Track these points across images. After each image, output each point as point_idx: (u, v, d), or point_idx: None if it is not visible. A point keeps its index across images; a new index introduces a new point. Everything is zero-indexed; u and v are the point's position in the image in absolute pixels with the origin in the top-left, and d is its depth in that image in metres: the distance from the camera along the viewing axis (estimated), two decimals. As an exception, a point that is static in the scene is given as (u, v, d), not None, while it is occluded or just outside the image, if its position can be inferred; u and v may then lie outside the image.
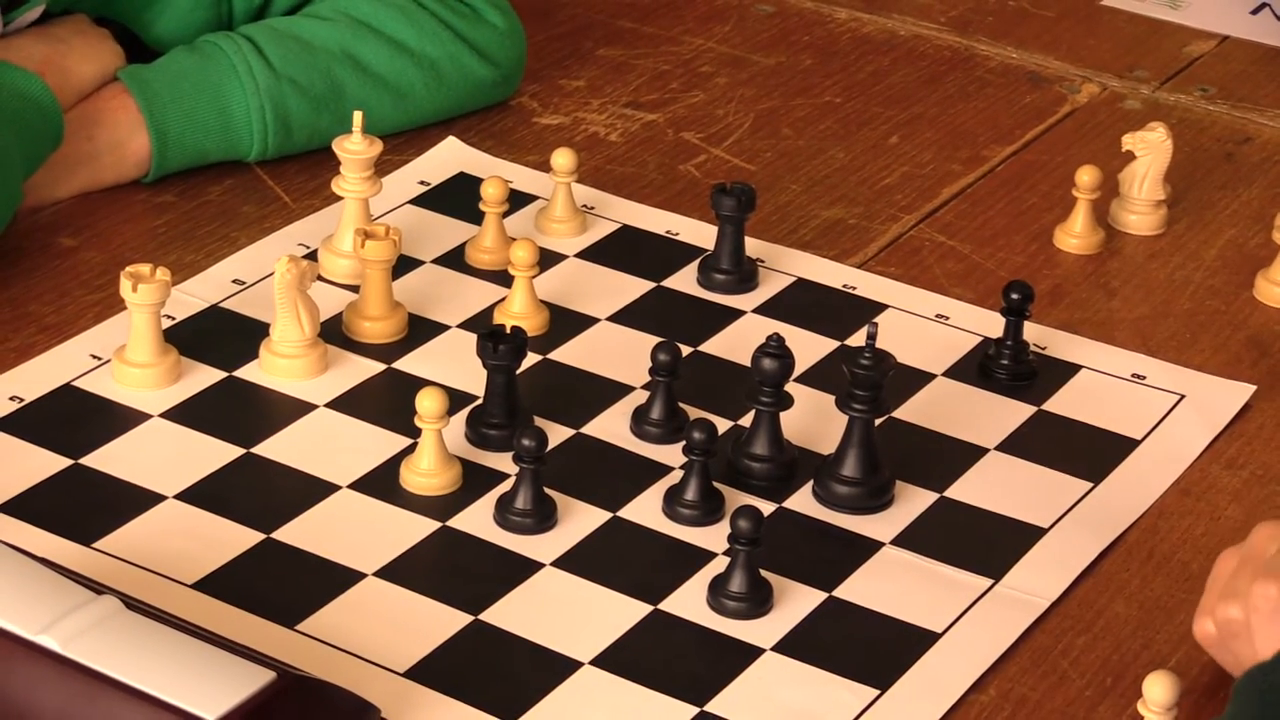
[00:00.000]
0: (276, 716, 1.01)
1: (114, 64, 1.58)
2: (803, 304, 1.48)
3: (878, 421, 1.28)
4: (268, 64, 1.56)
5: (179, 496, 1.25)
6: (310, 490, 1.26)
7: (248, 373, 1.37)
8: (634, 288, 1.49)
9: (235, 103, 1.55)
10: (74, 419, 1.31)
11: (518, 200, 1.55)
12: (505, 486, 1.25)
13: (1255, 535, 1.12)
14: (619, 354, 1.41)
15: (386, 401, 1.35)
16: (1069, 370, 1.42)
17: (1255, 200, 1.64)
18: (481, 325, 1.41)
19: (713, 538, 1.23)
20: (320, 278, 1.43)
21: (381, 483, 1.27)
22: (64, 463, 1.27)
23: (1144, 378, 1.42)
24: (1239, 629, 1.09)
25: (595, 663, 1.13)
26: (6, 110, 1.45)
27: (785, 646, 1.16)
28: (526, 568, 1.21)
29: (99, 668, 1.01)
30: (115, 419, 1.32)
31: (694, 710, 1.10)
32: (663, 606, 1.18)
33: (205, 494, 1.25)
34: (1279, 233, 1.51)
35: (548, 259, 1.49)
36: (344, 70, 1.59)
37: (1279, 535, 1.11)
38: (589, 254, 1.53)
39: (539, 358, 1.40)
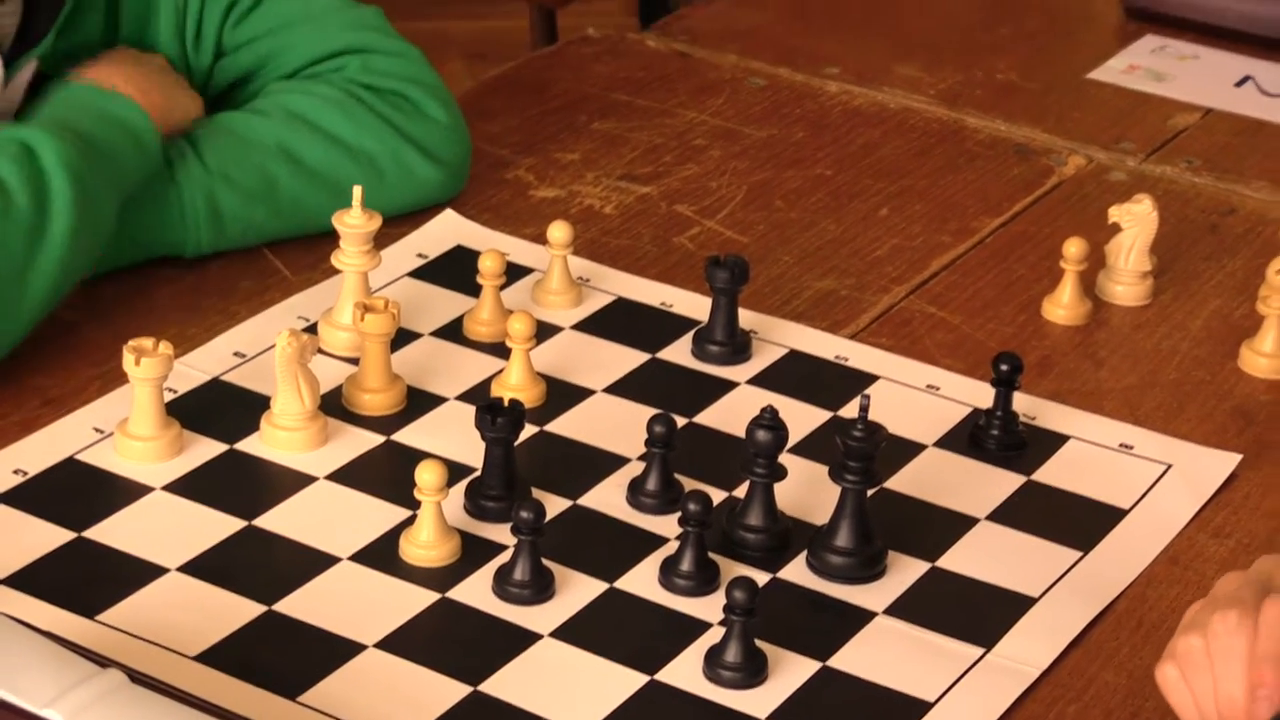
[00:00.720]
0: (279, 788, 1.02)
1: (195, 106, 1.60)
2: (795, 375, 1.49)
3: (870, 492, 1.29)
4: (200, 160, 1.55)
5: (181, 569, 1.25)
6: (311, 562, 1.27)
7: (249, 445, 1.38)
8: (629, 359, 1.50)
9: (170, 201, 1.54)
10: (77, 492, 1.32)
11: (514, 273, 1.56)
12: (504, 558, 1.26)
13: (1219, 586, 1.13)
14: (615, 426, 1.42)
15: (386, 473, 1.35)
16: (1058, 440, 1.43)
17: (1240, 271, 1.65)
18: (479, 397, 1.41)
19: (708, 608, 1.23)
20: (320, 350, 1.44)
21: (381, 554, 1.28)
22: (67, 536, 1.27)
23: (1131, 447, 1.43)
24: (1199, 658, 1.08)
25: (595, 734, 1.14)
26: (103, 137, 1.46)
27: (780, 716, 1.16)
28: (524, 638, 1.21)
29: (104, 742, 1.02)
30: (118, 492, 1.32)
31: (690, 780, 1.11)
32: (659, 677, 1.18)
33: (207, 566, 1.26)
34: (1263, 304, 1.52)
35: (544, 331, 1.49)
36: (278, 165, 1.58)
37: (1241, 581, 1.12)
38: (585, 326, 1.54)
39: (536, 429, 1.41)
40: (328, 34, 1.66)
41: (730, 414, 1.43)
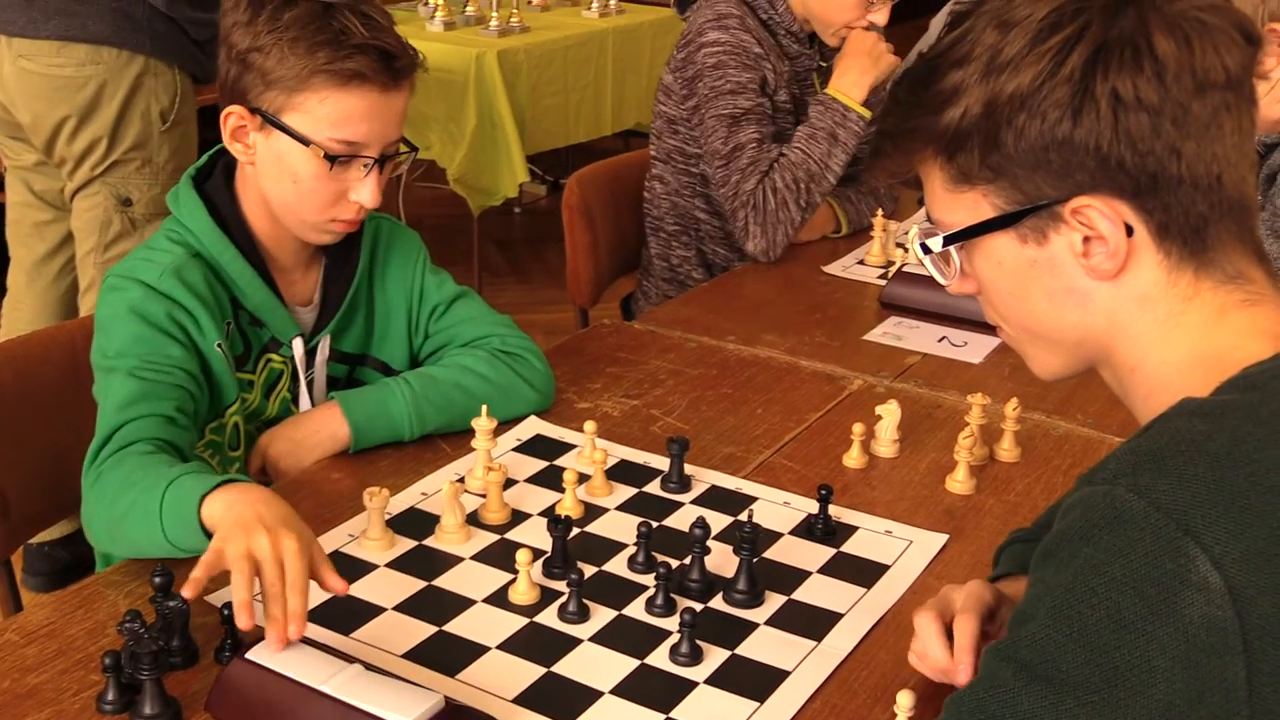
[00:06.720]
0: (446, 725, 1.02)
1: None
2: (714, 498, 1.49)
3: (754, 559, 1.29)
4: (414, 391, 1.55)
5: (394, 608, 1.25)
6: (463, 602, 1.27)
7: (430, 542, 1.37)
8: (627, 492, 1.50)
9: (396, 411, 1.54)
10: (340, 568, 1.28)
11: (567, 448, 1.58)
12: (563, 599, 1.26)
13: (940, 593, 1.16)
14: (621, 527, 1.42)
15: (500, 556, 1.35)
16: (852, 529, 1.43)
17: (944, 438, 1.65)
18: (548, 514, 1.42)
19: (671, 624, 1.24)
20: (466, 491, 1.45)
21: (499, 597, 1.28)
22: (334, 592, 1.27)
23: (891, 532, 1.43)
24: (916, 629, 1.13)
25: (613, 692, 1.14)
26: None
27: (711, 681, 1.16)
28: (574, 642, 1.21)
29: (353, 702, 1.02)
30: (361, 567, 1.32)
31: (661, 716, 1.10)
32: (647, 661, 1.18)
33: (409, 605, 1.26)
34: (956, 454, 1.53)
35: (582, 478, 1.50)
36: (455, 393, 1.57)
37: (952, 589, 1.15)
38: (606, 474, 1.53)
39: (579, 530, 1.41)
40: (481, 326, 1.67)
41: (681, 520, 1.43)
